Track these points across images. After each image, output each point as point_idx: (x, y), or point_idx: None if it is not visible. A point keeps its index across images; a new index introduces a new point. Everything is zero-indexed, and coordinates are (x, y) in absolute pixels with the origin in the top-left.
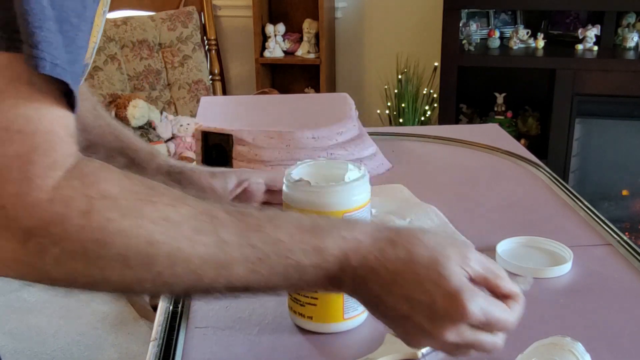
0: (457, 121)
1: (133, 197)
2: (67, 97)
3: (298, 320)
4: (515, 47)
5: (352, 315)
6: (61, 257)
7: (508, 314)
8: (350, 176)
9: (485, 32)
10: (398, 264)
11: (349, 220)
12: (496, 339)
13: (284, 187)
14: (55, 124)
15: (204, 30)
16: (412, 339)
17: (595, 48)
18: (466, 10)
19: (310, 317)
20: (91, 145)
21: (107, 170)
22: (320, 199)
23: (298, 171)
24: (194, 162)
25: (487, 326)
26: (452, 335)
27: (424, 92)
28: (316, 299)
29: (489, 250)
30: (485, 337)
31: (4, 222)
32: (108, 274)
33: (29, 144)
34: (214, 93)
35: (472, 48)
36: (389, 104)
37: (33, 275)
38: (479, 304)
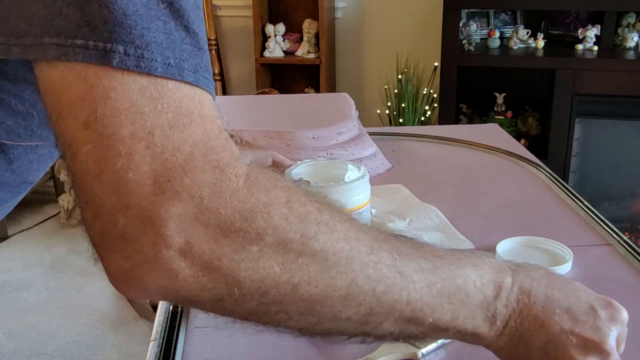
0: (457, 121)
1: (316, 198)
2: None
3: None
4: (515, 47)
5: None
6: (262, 255)
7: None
8: (350, 176)
9: (485, 32)
10: (546, 280)
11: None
12: None
13: None
14: (213, 109)
15: None
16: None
17: (595, 48)
18: (466, 10)
19: None
20: None
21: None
22: None
23: (298, 171)
24: None
25: (622, 337)
26: (613, 340)
27: (424, 92)
28: None
29: (489, 250)
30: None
31: (202, 216)
32: (306, 278)
33: (203, 129)
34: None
35: (472, 48)
36: (389, 104)
37: (219, 288)
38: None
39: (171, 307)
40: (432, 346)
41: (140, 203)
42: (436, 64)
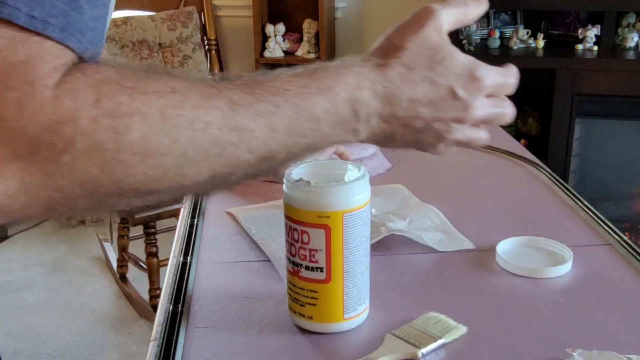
0: None
1: (134, 77)
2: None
3: (298, 320)
4: (515, 47)
5: (352, 315)
6: (75, 162)
7: (509, 77)
8: (350, 176)
9: (485, 32)
10: (407, 80)
11: (339, 62)
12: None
13: (284, 187)
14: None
15: (204, 30)
16: (445, 136)
17: (595, 48)
18: None
19: (310, 317)
20: None
21: (101, 60)
22: (320, 199)
23: (298, 171)
24: None
25: (499, 90)
26: (478, 107)
27: None
28: (316, 299)
29: (489, 250)
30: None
31: (6, 138)
32: (130, 171)
33: (28, 50)
34: None
35: (472, 48)
36: None
37: (44, 199)
38: (490, 73)
39: (171, 307)
40: (432, 346)
41: None
42: None
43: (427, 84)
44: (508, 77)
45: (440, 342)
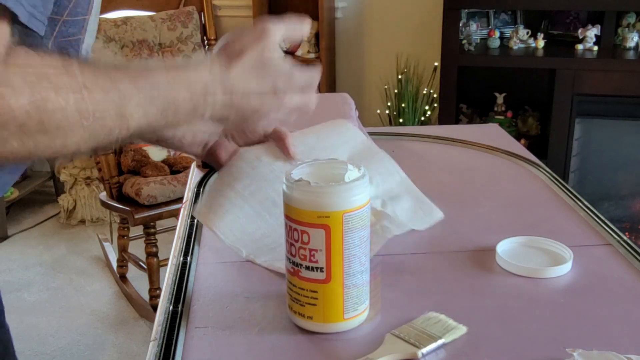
0: (457, 121)
1: (55, 74)
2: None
3: (298, 320)
4: (515, 47)
5: (352, 315)
6: None
7: (314, 77)
8: (350, 176)
9: (485, 32)
10: (244, 82)
11: (196, 63)
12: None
13: (283, 187)
14: None
15: (204, 30)
16: (270, 113)
17: (595, 48)
18: (466, 10)
19: (310, 317)
20: None
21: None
22: (320, 199)
23: (298, 171)
24: (194, 162)
25: (307, 86)
26: (290, 97)
27: (424, 92)
28: (316, 299)
29: (489, 250)
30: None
31: None
32: (41, 146)
33: None
34: None
35: (472, 48)
36: (389, 104)
37: None
38: (302, 76)
39: (171, 307)
40: (432, 346)
41: None
42: (436, 64)
43: (257, 81)
44: (313, 78)
45: (440, 342)
